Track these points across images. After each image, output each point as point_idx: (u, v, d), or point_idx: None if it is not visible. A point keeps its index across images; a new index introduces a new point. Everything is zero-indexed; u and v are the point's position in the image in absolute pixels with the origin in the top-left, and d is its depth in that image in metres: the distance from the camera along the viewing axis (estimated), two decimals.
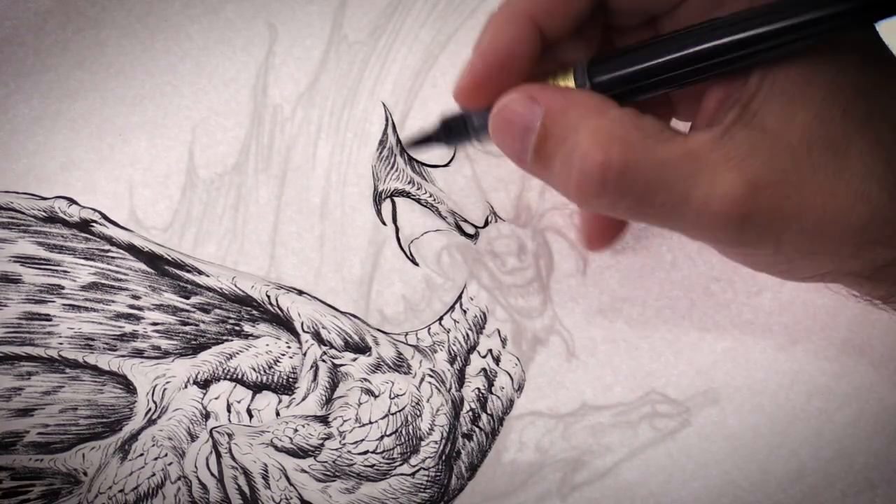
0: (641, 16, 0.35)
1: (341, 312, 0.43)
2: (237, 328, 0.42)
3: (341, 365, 0.42)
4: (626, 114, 0.31)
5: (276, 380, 0.42)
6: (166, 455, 0.40)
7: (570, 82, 0.33)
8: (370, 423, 0.41)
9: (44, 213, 0.43)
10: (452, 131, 0.37)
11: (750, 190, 0.29)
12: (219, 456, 0.40)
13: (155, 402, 0.41)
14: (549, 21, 0.34)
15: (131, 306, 0.42)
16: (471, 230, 0.44)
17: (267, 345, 0.42)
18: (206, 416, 0.41)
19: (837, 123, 0.30)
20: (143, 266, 0.43)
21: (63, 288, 0.42)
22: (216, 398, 0.41)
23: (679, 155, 0.30)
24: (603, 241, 0.41)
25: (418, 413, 0.41)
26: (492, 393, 0.42)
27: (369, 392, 0.41)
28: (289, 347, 0.42)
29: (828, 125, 0.30)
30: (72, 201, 0.44)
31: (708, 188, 0.30)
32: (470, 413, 0.41)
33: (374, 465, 0.40)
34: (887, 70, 0.32)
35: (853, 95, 0.30)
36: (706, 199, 0.30)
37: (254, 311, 0.42)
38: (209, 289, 0.43)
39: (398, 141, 0.45)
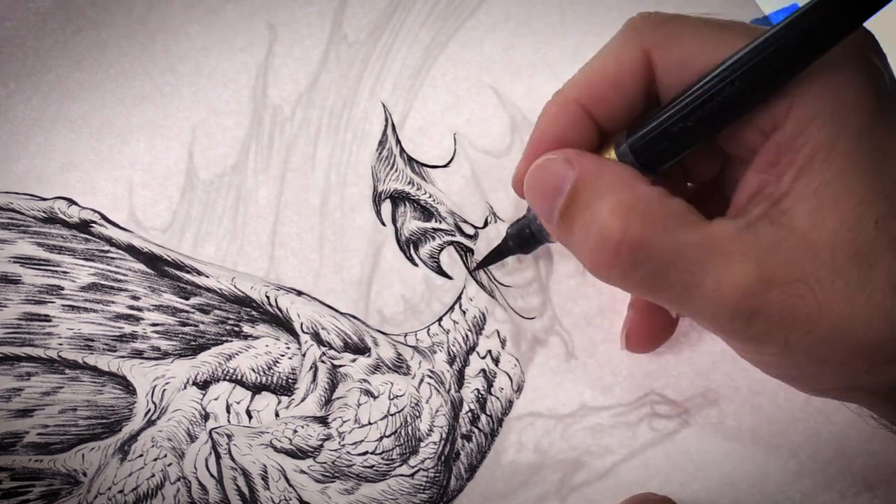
0: None
1: (341, 313, 0.43)
2: (236, 329, 0.42)
3: (341, 366, 0.42)
4: (654, 191, 0.31)
5: (275, 381, 0.42)
6: (166, 456, 0.40)
7: (612, 154, 0.33)
8: (369, 423, 0.41)
9: (43, 214, 0.43)
10: (521, 237, 0.38)
11: (762, 284, 0.29)
12: (218, 457, 0.40)
13: (154, 403, 0.41)
14: (601, 110, 0.34)
15: (131, 307, 0.42)
16: (470, 231, 0.44)
17: (266, 346, 0.42)
18: (206, 416, 0.41)
19: (868, 233, 0.29)
20: (142, 267, 0.43)
21: (62, 289, 0.42)
22: (215, 399, 0.41)
23: (697, 239, 0.30)
24: (645, 343, 0.41)
25: (417, 414, 0.41)
26: (491, 394, 0.42)
27: (368, 393, 0.41)
28: (288, 348, 0.42)
29: (857, 234, 0.29)
30: (71, 202, 0.44)
31: (720, 276, 0.29)
32: (469, 414, 0.41)
33: (373, 465, 0.40)
34: None
35: (890, 208, 0.29)
36: (717, 286, 0.29)
37: (253, 312, 0.42)
38: (208, 289, 0.43)
39: (398, 141, 0.45)
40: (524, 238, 0.38)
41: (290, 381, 0.42)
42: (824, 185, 0.29)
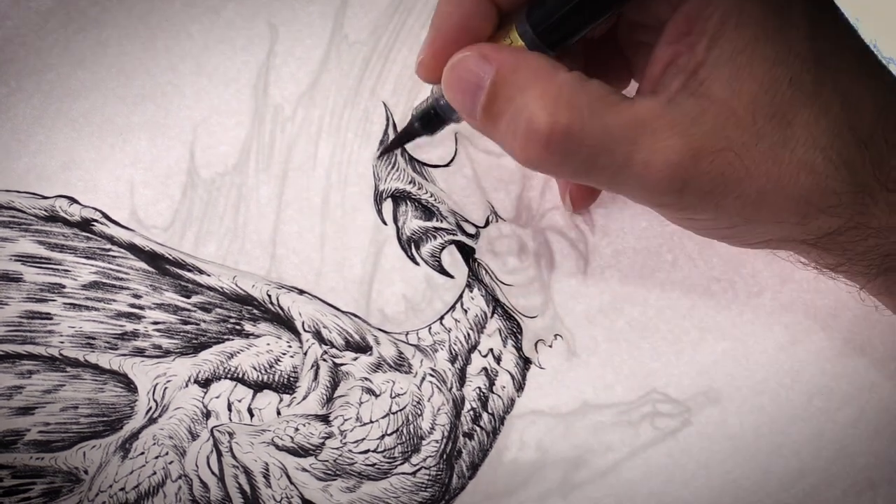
0: None
1: (342, 312, 0.43)
2: (238, 327, 0.42)
3: (342, 364, 0.42)
4: (574, 77, 0.31)
5: (276, 379, 0.42)
6: (167, 454, 0.40)
7: (514, 33, 0.33)
8: (371, 422, 0.41)
9: (45, 213, 0.43)
10: (428, 120, 0.37)
11: (691, 156, 0.30)
12: (220, 455, 0.40)
13: (156, 401, 0.41)
14: None
15: (132, 305, 0.42)
16: (472, 230, 0.44)
17: (268, 344, 0.42)
18: (207, 414, 0.41)
19: (785, 92, 0.30)
20: (143, 265, 0.43)
21: (64, 287, 0.42)
22: (217, 397, 0.41)
23: (624, 120, 0.30)
24: (587, 199, 0.43)
25: (419, 412, 0.41)
26: (493, 392, 0.42)
27: (370, 391, 0.41)
28: (290, 347, 0.42)
29: (774, 94, 0.30)
30: (73, 200, 0.44)
31: (649, 153, 0.30)
32: (471, 412, 0.41)
33: (375, 464, 0.40)
34: (839, 38, 0.32)
35: (802, 64, 0.30)
36: (647, 163, 0.30)
37: (255, 311, 0.42)
38: (210, 288, 0.43)
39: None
40: (430, 119, 0.37)
41: (291, 379, 0.42)
42: (738, 51, 0.30)
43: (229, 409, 0.41)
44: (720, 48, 0.30)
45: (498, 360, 0.42)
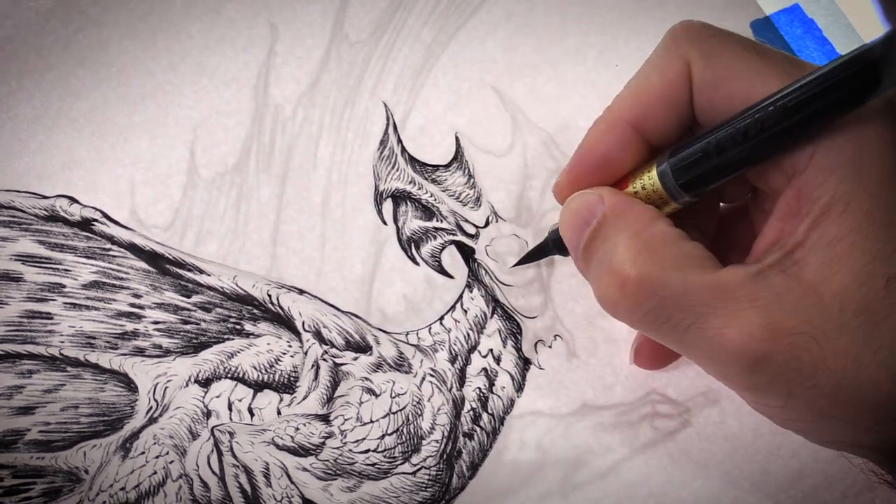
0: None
1: (342, 312, 0.43)
2: (238, 327, 0.42)
3: (342, 364, 0.42)
4: (671, 232, 0.31)
5: (277, 378, 0.42)
6: (167, 453, 0.40)
7: (653, 171, 0.33)
8: (371, 421, 0.41)
9: (45, 212, 0.43)
10: (560, 241, 0.38)
11: (768, 333, 0.29)
12: (220, 454, 0.40)
13: (156, 401, 0.41)
14: (649, 126, 0.34)
15: (132, 305, 0.42)
16: (472, 230, 0.44)
17: (268, 344, 0.42)
18: (208, 414, 0.41)
19: (879, 291, 0.28)
20: (144, 265, 0.43)
21: (64, 286, 0.42)
22: (217, 397, 0.41)
23: (706, 282, 0.30)
24: (653, 361, 0.42)
25: (419, 412, 0.41)
26: (493, 392, 0.42)
27: (370, 391, 0.41)
28: (290, 346, 0.42)
29: (867, 290, 0.28)
30: (73, 200, 0.44)
31: (725, 321, 0.29)
32: (471, 412, 0.41)
33: (375, 463, 0.40)
34: None
35: None
36: (722, 330, 0.29)
37: (255, 310, 0.42)
38: (210, 288, 0.43)
39: (399, 140, 0.45)
40: (562, 243, 0.38)
41: (291, 378, 0.42)
42: (838, 238, 0.29)
43: (230, 409, 0.41)
44: (821, 232, 0.29)
45: (498, 360, 0.42)
